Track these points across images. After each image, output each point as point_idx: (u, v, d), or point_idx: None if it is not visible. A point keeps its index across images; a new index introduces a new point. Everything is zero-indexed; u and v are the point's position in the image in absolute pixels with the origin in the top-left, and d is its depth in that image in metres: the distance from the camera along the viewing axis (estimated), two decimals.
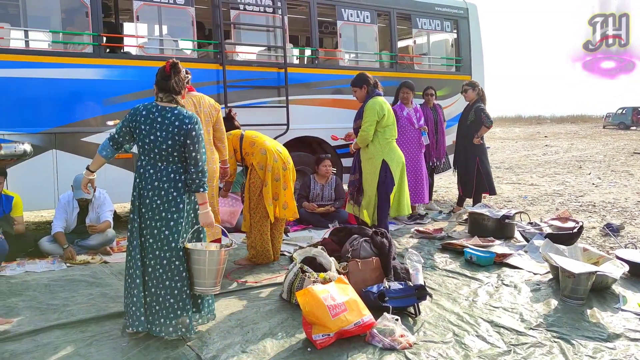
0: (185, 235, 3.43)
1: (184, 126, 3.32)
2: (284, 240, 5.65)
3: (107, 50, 6.39)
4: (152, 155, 3.37)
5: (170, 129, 3.32)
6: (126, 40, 7.13)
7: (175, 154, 3.35)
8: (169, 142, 3.32)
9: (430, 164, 7.80)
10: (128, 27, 8.24)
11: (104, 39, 6.28)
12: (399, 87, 7.40)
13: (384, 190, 5.37)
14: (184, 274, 3.39)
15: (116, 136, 3.47)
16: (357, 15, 8.01)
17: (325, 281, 3.85)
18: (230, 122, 5.41)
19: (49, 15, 6.16)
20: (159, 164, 3.37)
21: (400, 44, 9.06)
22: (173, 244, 3.35)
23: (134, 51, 6.73)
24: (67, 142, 5.97)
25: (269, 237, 5.13)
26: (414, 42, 8.97)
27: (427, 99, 7.86)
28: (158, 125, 3.33)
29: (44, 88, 5.84)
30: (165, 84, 3.39)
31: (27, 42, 6.01)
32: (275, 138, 6.29)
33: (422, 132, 7.27)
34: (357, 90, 5.46)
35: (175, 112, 3.37)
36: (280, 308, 4.00)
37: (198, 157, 3.34)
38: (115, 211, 5.98)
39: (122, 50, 6.80)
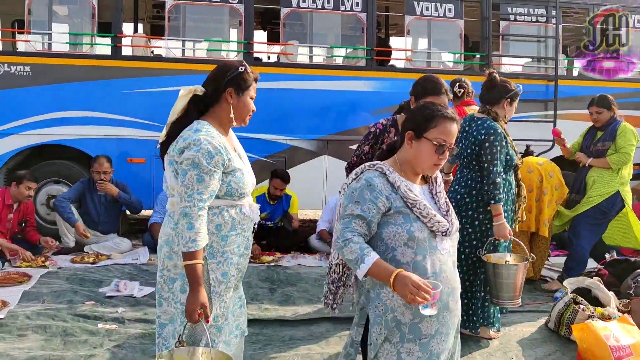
0: (478, 243, 3.49)
1: (479, 136, 3.44)
2: (545, 265, 5.29)
3: (377, 63, 6.75)
4: (460, 162, 3.65)
5: (469, 138, 3.51)
6: (393, 54, 7.44)
7: (474, 162, 3.51)
8: (468, 151, 3.52)
9: None
10: (395, 41, 8.60)
11: (376, 52, 6.64)
12: None
13: (601, 222, 4.75)
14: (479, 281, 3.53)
15: None
16: None
17: (603, 317, 3.47)
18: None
19: (329, 32, 6.74)
20: (464, 170, 3.60)
21: None
22: (461, 248, 3.40)
23: (400, 64, 6.99)
24: (337, 148, 6.46)
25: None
26: None
27: None
28: (465, 134, 3.56)
29: (321, 98, 6.40)
30: (480, 94, 3.66)
31: (310, 57, 6.66)
32: (538, 155, 5.99)
33: None
34: (604, 111, 4.82)
35: (479, 122, 3.52)
36: (546, 338, 3.74)
37: (490, 168, 3.39)
38: None
39: (389, 64, 7.13)
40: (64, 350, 3.31)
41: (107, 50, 6.17)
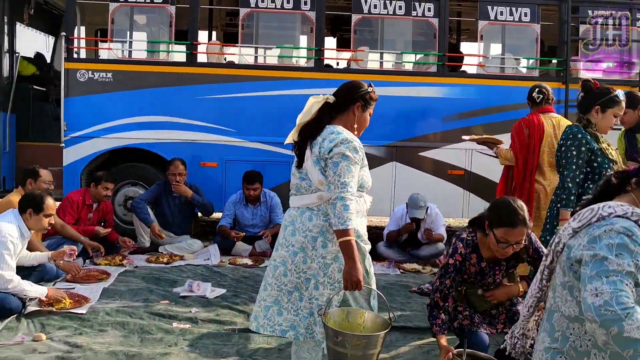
0: None
1: (560, 141, 3.57)
2: None
3: (449, 69, 6.64)
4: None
5: (556, 145, 3.70)
6: (465, 59, 7.30)
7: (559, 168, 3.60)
8: (556, 157, 3.64)
9: None
10: (467, 46, 8.45)
11: (447, 58, 6.53)
12: None
13: None
14: None
15: None
16: None
17: None
18: None
19: (400, 37, 6.69)
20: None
21: None
22: None
23: (472, 70, 6.85)
24: (406, 155, 6.39)
25: None
26: None
27: None
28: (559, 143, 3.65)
29: (391, 105, 6.33)
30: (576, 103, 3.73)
31: (380, 63, 6.64)
32: None
33: None
34: (628, 112, 4.11)
35: (566, 129, 3.60)
36: None
37: (563, 172, 3.51)
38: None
39: (460, 69, 6.99)
40: (141, 347, 3.42)
41: (183, 57, 6.38)
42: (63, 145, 6.15)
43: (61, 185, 6.14)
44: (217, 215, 6.61)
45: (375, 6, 6.30)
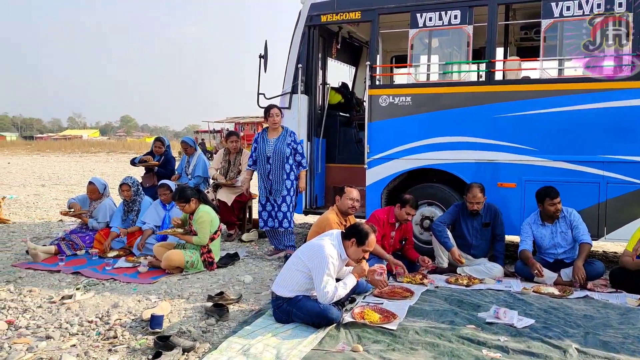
0: None
1: None
2: None
3: None
4: None
5: None
6: None
7: None
8: None
9: None
10: None
11: None
12: None
13: None
14: None
15: None
16: None
17: None
18: None
19: None
20: None
21: None
22: None
23: None
24: None
25: None
26: None
27: None
28: None
29: None
30: None
31: None
32: None
33: None
34: None
35: None
36: None
37: None
38: None
39: None
40: None
41: (476, 76, 6.28)
42: (366, 166, 6.59)
43: (364, 204, 6.58)
44: (509, 238, 6.30)
45: None
